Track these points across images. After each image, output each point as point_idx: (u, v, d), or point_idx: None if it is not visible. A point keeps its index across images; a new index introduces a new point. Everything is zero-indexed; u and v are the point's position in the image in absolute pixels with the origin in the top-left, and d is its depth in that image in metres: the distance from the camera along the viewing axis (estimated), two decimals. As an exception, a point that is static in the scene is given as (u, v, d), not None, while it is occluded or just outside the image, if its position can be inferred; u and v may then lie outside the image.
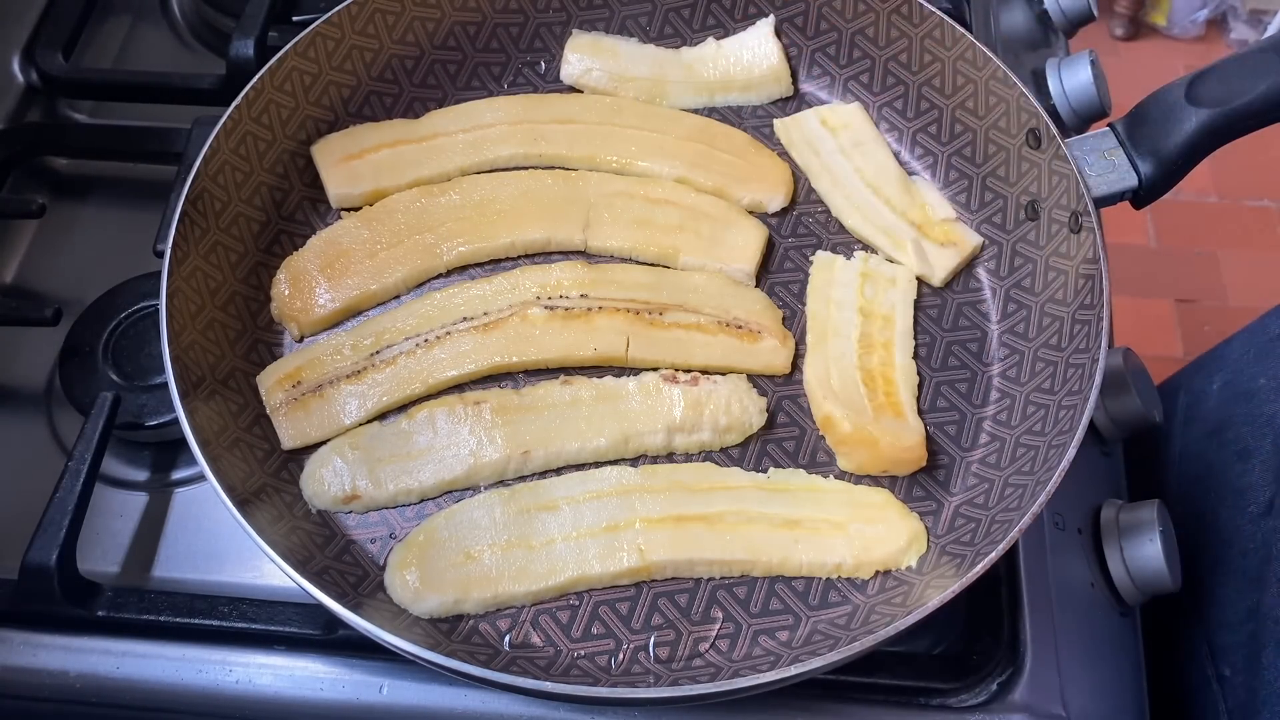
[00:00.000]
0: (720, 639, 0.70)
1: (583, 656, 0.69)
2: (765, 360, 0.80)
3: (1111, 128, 0.79)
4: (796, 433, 0.78)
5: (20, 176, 0.96)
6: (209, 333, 0.77)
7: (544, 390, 0.78)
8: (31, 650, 0.72)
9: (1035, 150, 0.81)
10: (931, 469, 0.76)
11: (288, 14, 1.00)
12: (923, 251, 0.83)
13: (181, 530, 0.78)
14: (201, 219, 0.78)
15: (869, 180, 0.87)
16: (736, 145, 0.89)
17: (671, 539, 0.71)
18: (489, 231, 0.85)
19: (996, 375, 0.80)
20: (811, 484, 0.75)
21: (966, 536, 0.72)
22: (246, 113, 0.81)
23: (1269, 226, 2.40)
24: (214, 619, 0.72)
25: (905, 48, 0.88)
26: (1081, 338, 0.74)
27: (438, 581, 0.70)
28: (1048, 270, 0.80)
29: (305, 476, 0.75)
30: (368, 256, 0.83)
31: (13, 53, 1.00)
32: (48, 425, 0.83)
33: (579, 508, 0.73)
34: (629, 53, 0.92)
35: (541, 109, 0.90)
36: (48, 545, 0.72)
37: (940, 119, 0.88)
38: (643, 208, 0.86)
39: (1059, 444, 0.70)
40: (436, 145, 0.88)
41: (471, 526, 0.73)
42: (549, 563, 0.71)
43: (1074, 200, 0.77)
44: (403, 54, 0.90)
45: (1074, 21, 1.05)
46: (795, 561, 0.71)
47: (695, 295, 0.82)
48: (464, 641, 0.69)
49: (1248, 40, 2.65)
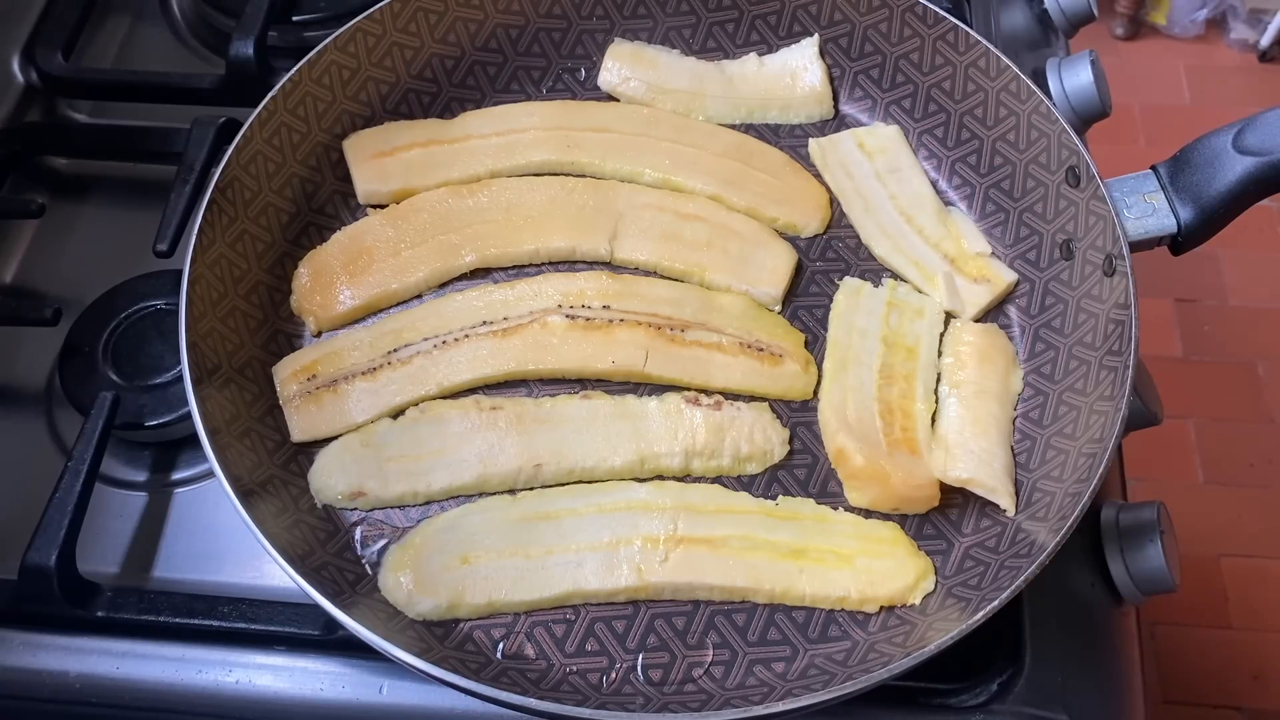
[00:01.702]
0: (715, 665, 0.69)
1: (574, 672, 0.69)
2: (786, 385, 0.79)
3: (1154, 170, 0.77)
4: (809, 460, 0.77)
5: (20, 176, 0.95)
6: (229, 321, 0.77)
7: (562, 403, 0.77)
8: (31, 651, 0.72)
9: (1074, 189, 0.79)
10: (944, 507, 0.74)
11: (287, 14, 1.00)
12: (954, 286, 0.82)
13: (181, 530, 0.78)
14: (230, 207, 0.79)
15: (903, 208, 0.85)
16: (773, 165, 0.88)
17: (672, 560, 0.70)
18: (514, 237, 0.84)
19: (1019, 416, 0.78)
20: (820, 514, 0.74)
21: (974, 580, 0.70)
22: (282, 104, 0.82)
23: (1269, 226, 2.39)
24: (214, 619, 0.72)
25: (949, 75, 0.87)
26: (1107, 384, 0.72)
27: (432, 584, 0.70)
28: (1078, 312, 0.78)
29: (314, 470, 0.75)
30: (391, 255, 0.83)
31: (13, 52, 1.00)
32: (47, 425, 0.83)
33: (581, 520, 0.72)
34: (669, 64, 0.92)
35: (577, 116, 0.89)
36: (47, 545, 0.71)
37: (980, 150, 0.86)
38: (672, 222, 0.85)
39: (1075, 492, 0.69)
40: (469, 147, 0.87)
41: (470, 531, 0.72)
42: (545, 574, 0.70)
43: (1109, 242, 0.75)
44: (443, 53, 0.90)
45: (1074, 21, 1.03)
46: (798, 591, 0.70)
47: (719, 314, 0.81)
48: (457, 648, 0.69)
49: (1248, 40, 2.63)
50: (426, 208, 0.85)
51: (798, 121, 0.91)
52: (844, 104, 0.92)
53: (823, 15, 0.91)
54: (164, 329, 0.83)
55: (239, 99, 0.94)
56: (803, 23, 0.92)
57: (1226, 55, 2.67)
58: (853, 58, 0.91)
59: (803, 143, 0.90)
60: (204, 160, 0.87)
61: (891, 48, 0.89)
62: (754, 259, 0.84)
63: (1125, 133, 2.49)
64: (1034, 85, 0.81)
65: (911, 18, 0.86)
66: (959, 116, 0.87)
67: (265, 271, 0.81)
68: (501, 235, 0.84)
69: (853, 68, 0.91)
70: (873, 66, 0.90)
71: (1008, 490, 0.72)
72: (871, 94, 0.91)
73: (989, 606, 0.63)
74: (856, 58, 0.91)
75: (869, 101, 0.91)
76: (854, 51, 0.91)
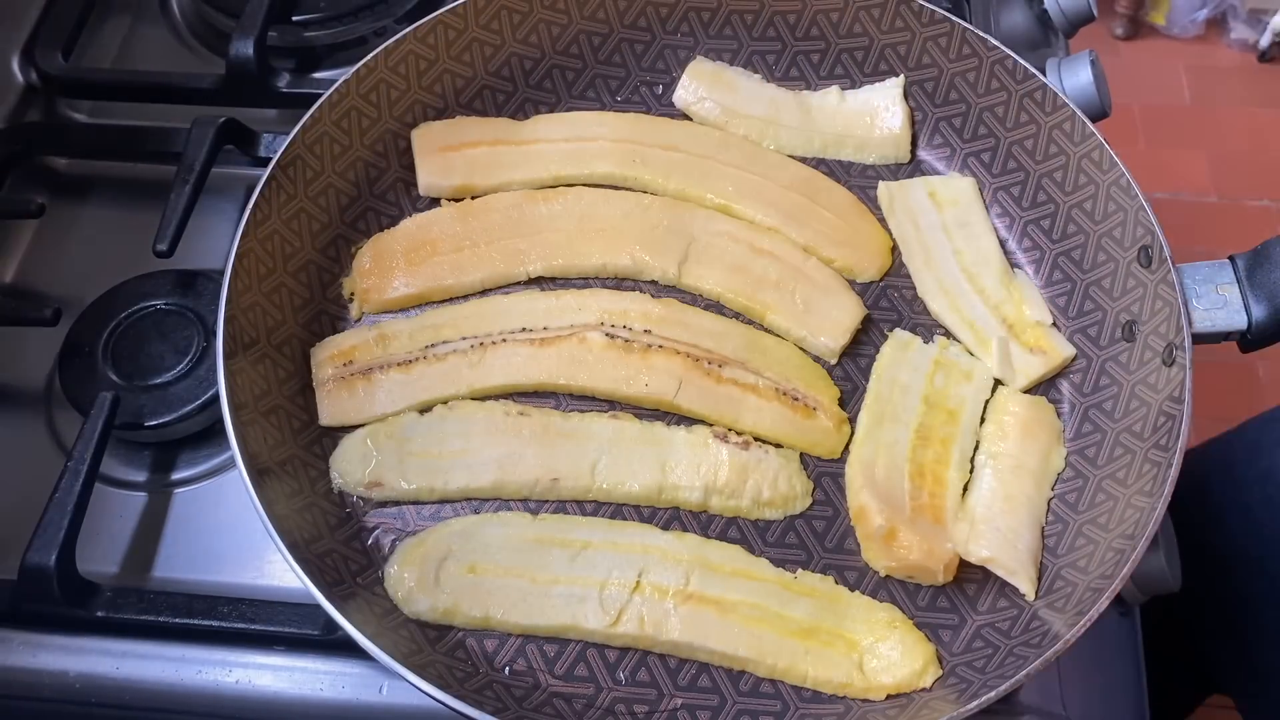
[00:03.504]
0: (701, 709, 0.68)
1: (559, 695, 0.68)
2: (814, 439, 0.77)
3: (1231, 261, 0.73)
4: (829, 514, 0.75)
5: (20, 176, 0.94)
6: (274, 296, 0.78)
7: (589, 420, 0.77)
8: (31, 651, 0.72)
9: (1144, 269, 0.76)
10: (962, 581, 0.72)
11: (287, 14, 0.99)
12: (1008, 354, 0.79)
13: (181, 530, 0.78)
14: (290, 184, 0.79)
15: (966, 265, 0.83)
16: (838, 204, 0.86)
17: (677, 617, 0.69)
18: (583, 249, 0.83)
19: (1055, 497, 0.75)
20: (836, 594, 0.71)
21: (980, 662, 0.68)
22: (355, 88, 0.82)
23: (1269, 226, 2.33)
24: (213, 619, 0.71)
25: (1032, 134, 0.84)
26: (1149, 478, 0.69)
27: (433, 586, 0.70)
28: (1131, 398, 0.75)
29: (337, 454, 0.76)
30: (454, 250, 0.83)
31: (12, 52, 1.00)
32: (47, 425, 0.83)
33: (594, 554, 0.71)
34: (747, 88, 0.90)
35: (647, 131, 0.88)
36: (47, 545, 0.71)
37: (1055, 215, 0.83)
38: (744, 254, 0.83)
39: (1097, 587, 0.66)
40: (535, 150, 0.87)
41: (485, 542, 0.72)
42: (546, 602, 0.69)
43: (1172, 331, 0.72)
44: (523, 54, 0.90)
45: (1074, 21, 0.99)
46: (800, 671, 0.68)
47: (760, 356, 0.79)
48: (447, 654, 0.69)
49: (1248, 40, 2.58)
50: (499, 208, 0.84)
51: (870, 161, 0.89)
52: (921, 149, 0.89)
53: (910, 57, 0.88)
54: (164, 329, 0.83)
55: (239, 99, 0.94)
56: (890, 62, 0.89)
57: (1226, 55, 2.63)
58: (936, 103, 0.88)
59: (873, 183, 0.88)
60: (204, 160, 0.86)
61: (977, 98, 0.86)
62: (820, 307, 0.81)
63: (1125, 133, 2.46)
64: (1117, 157, 0.77)
65: (1000, 70, 0.84)
66: (1037, 178, 0.84)
67: (318, 251, 0.82)
68: (570, 246, 0.83)
69: (935, 113, 0.88)
70: (955, 115, 0.87)
71: (1028, 574, 0.69)
72: (951, 142, 0.88)
73: (986, 696, 0.61)
74: (940, 104, 0.88)
75: (947, 150, 0.88)
76: (938, 97, 0.88)
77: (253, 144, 0.91)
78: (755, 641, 0.68)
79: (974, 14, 0.99)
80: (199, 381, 0.80)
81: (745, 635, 0.68)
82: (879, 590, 0.72)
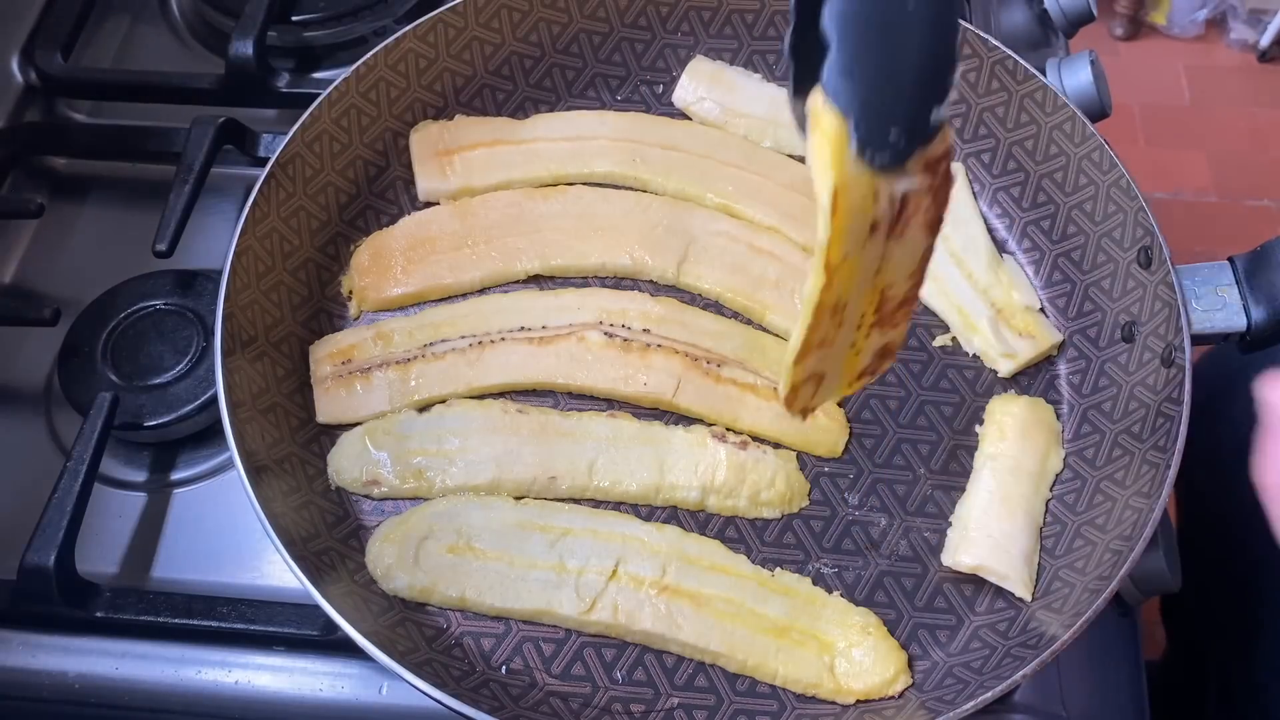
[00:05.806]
0: (698, 709, 0.68)
1: (556, 694, 0.68)
2: (814, 437, 0.77)
3: (1231, 262, 0.73)
4: (827, 514, 0.75)
5: (19, 176, 0.94)
6: (273, 294, 0.78)
7: (588, 419, 0.77)
8: (30, 651, 0.72)
9: (1144, 270, 0.76)
10: (960, 582, 0.72)
11: (287, 14, 0.99)
12: (999, 331, 0.79)
13: (180, 531, 0.78)
14: (289, 182, 0.79)
15: (954, 250, 0.82)
16: (838, 203, 0.86)
17: (651, 608, 0.69)
18: (582, 247, 0.83)
19: (1054, 498, 0.75)
20: (812, 595, 0.71)
21: (977, 663, 0.68)
22: (355, 86, 0.82)
23: (1269, 226, 2.32)
24: (213, 620, 0.71)
25: (1032, 134, 0.83)
26: (1147, 479, 0.69)
27: (412, 565, 0.70)
28: (1130, 399, 0.74)
29: (335, 451, 0.76)
30: (453, 249, 0.83)
31: (12, 52, 0.99)
32: (46, 425, 0.83)
33: (574, 541, 0.71)
34: (747, 88, 0.90)
35: (647, 130, 0.88)
36: (46, 546, 0.71)
37: (1055, 215, 0.83)
38: (743, 254, 0.83)
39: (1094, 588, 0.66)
40: (535, 150, 0.87)
41: (466, 523, 0.72)
42: (522, 586, 0.70)
43: (1172, 331, 0.72)
44: (523, 52, 0.90)
45: (1074, 21, 0.99)
46: (770, 669, 0.68)
47: (760, 356, 0.79)
48: (444, 652, 0.69)
49: (1248, 40, 2.58)
50: (499, 207, 0.84)
51: (871, 161, 0.89)
52: (921, 150, 0.89)
53: (911, 57, 0.88)
54: (163, 329, 0.83)
55: (238, 99, 0.94)
56: (890, 62, 0.89)
57: (1226, 55, 2.62)
58: (936, 104, 0.88)
59: (872, 182, 0.87)
60: (203, 160, 0.86)
61: (977, 99, 0.86)
62: None
63: (1125, 133, 2.45)
64: (1117, 157, 0.77)
65: (1001, 71, 0.83)
66: (1037, 178, 0.84)
67: (317, 249, 0.82)
68: (569, 245, 0.83)
69: (935, 114, 0.88)
70: (955, 115, 0.87)
71: (1021, 577, 0.69)
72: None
73: (982, 697, 0.61)
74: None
75: (947, 150, 0.88)
76: (938, 98, 0.88)
77: (252, 144, 0.91)
78: (727, 636, 0.68)
79: (974, 14, 0.99)
80: (198, 382, 0.80)
81: (718, 629, 0.68)
82: (876, 591, 0.72)
